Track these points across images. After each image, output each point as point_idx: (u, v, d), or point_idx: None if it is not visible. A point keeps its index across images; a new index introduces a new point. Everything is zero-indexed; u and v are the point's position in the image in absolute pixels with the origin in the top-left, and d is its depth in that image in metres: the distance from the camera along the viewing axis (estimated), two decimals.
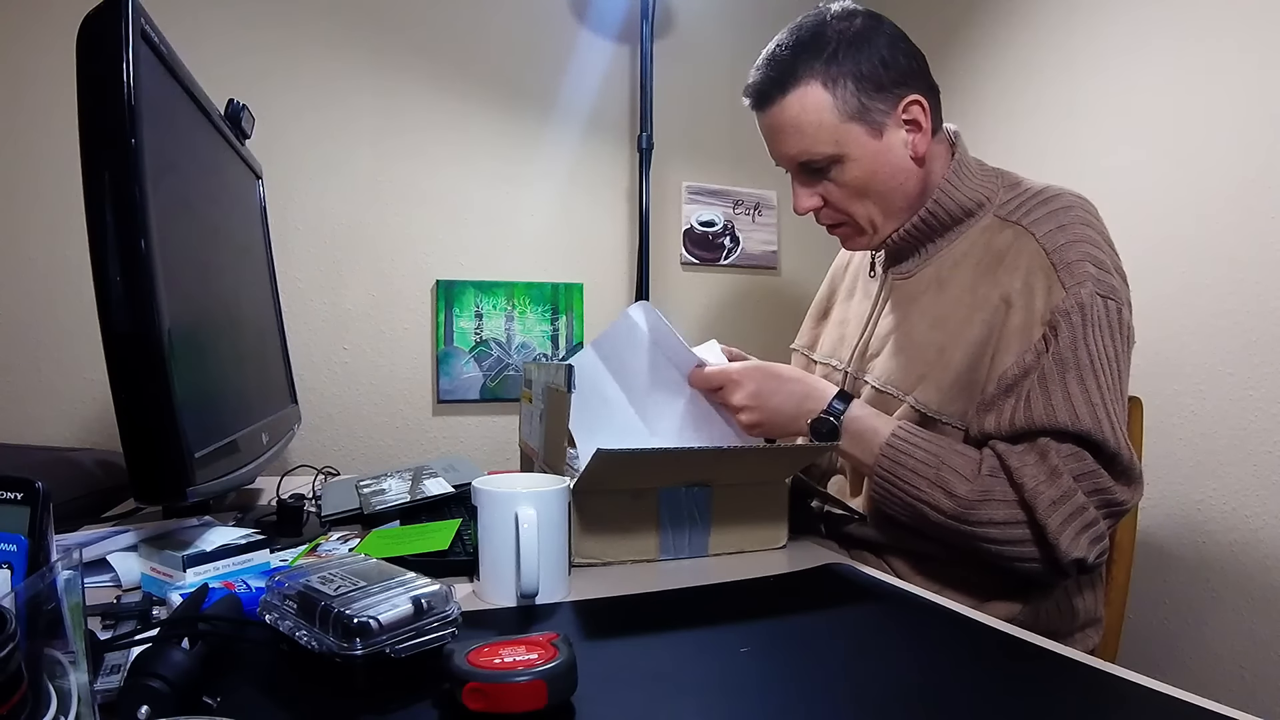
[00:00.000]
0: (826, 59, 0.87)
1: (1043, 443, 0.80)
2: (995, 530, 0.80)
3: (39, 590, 0.36)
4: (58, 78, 1.39)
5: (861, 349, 1.01)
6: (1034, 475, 0.79)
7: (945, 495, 0.82)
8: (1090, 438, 0.79)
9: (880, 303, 1.01)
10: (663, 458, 0.80)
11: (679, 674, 0.55)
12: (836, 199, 0.94)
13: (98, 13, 0.63)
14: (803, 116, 0.89)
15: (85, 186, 0.61)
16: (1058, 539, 0.78)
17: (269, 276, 1.27)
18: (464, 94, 1.69)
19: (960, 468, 0.82)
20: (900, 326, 0.96)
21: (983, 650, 0.61)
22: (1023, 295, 0.84)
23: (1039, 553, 0.80)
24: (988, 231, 0.91)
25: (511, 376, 1.71)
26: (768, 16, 1.90)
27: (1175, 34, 1.26)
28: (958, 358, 0.87)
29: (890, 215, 0.94)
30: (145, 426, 0.62)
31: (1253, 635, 1.15)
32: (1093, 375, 0.80)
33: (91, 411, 1.44)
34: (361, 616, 0.49)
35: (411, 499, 0.94)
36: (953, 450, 0.84)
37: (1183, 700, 0.51)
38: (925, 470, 0.83)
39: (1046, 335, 0.82)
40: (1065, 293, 0.82)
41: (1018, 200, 0.91)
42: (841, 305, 1.12)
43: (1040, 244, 0.85)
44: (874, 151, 0.90)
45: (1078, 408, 0.79)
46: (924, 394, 0.89)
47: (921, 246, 0.96)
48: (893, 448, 0.85)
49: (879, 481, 0.86)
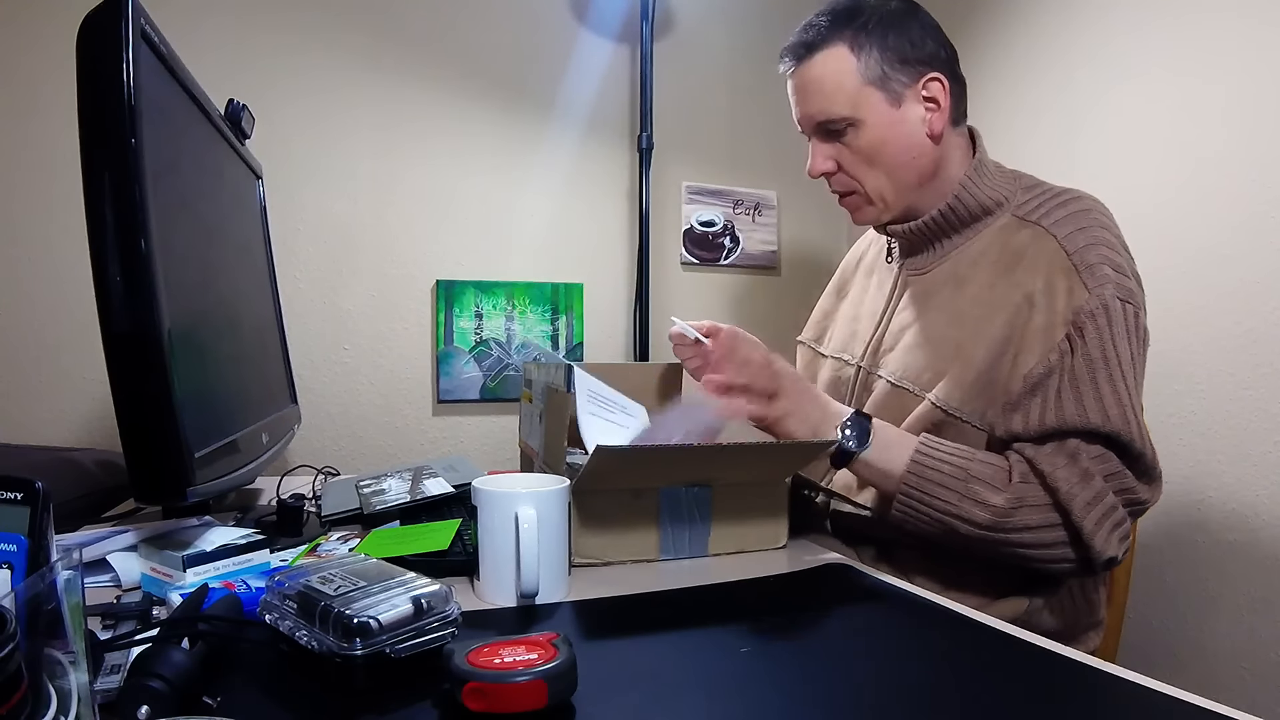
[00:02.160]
0: (857, 28, 0.90)
1: (1072, 444, 0.81)
2: (1031, 535, 0.80)
3: (39, 590, 0.36)
4: (58, 78, 1.39)
5: (875, 344, 1.00)
6: (1067, 478, 0.79)
7: (977, 506, 0.81)
8: (1119, 438, 0.80)
9: (895, 298, 1.00)
10: (663, 456, 0.80)
11: (679, 674, 0.55)
12: (849, 164, 0.94)
13: (98, 13, 0.63)
14: (825, 77, 0.91)
15: (85, 186, 0.61)
16: (1093, 540, 0.78)
17: (269, 276, 1.26)
18: (464, 94, 1.69)
19: (989, 477, 0.82)
20: (917, 322, 0.95)
21: (982, 650, 0.61)
22: (1044, 295, 0.85)
23: (1074, 554, 0.80)
24: (1005, 230, 0.92)
25: (511, 376, 1.71)
26: (767, 17, 1.89)
27: (1175, 33, 1.26)
28: (979, 356, 0.86)
29: (900, 190, 0.94)
30: (145, 426, 0.62)
31: (1253, 635, 1.15)
32: (1120, 376, 0.81)
33: (91, 411, 1.44)
34: (361, 616, 0.49)
35: (411, 499, 0.94)
36: (977, 460, 0.83)
37: (1183, 700, 0.51)
38: (954, 484, 0.82)
39: (1070, 335, 0.82)
40: (1089, 294, 0.82)
41: (1036, 201, 0.92)
42: (853, 300, 1.11)
43: (1061, 245, 0.86)
44: (890, 120, 0.91)
45: (1109, 408, 0.80)
46: (945, 391, 0.88)
47: (937, 242, 0.96)
48: (918, 464, 0.83)
49: (904, 499, 0.84)
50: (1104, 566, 0.81)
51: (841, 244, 2.00)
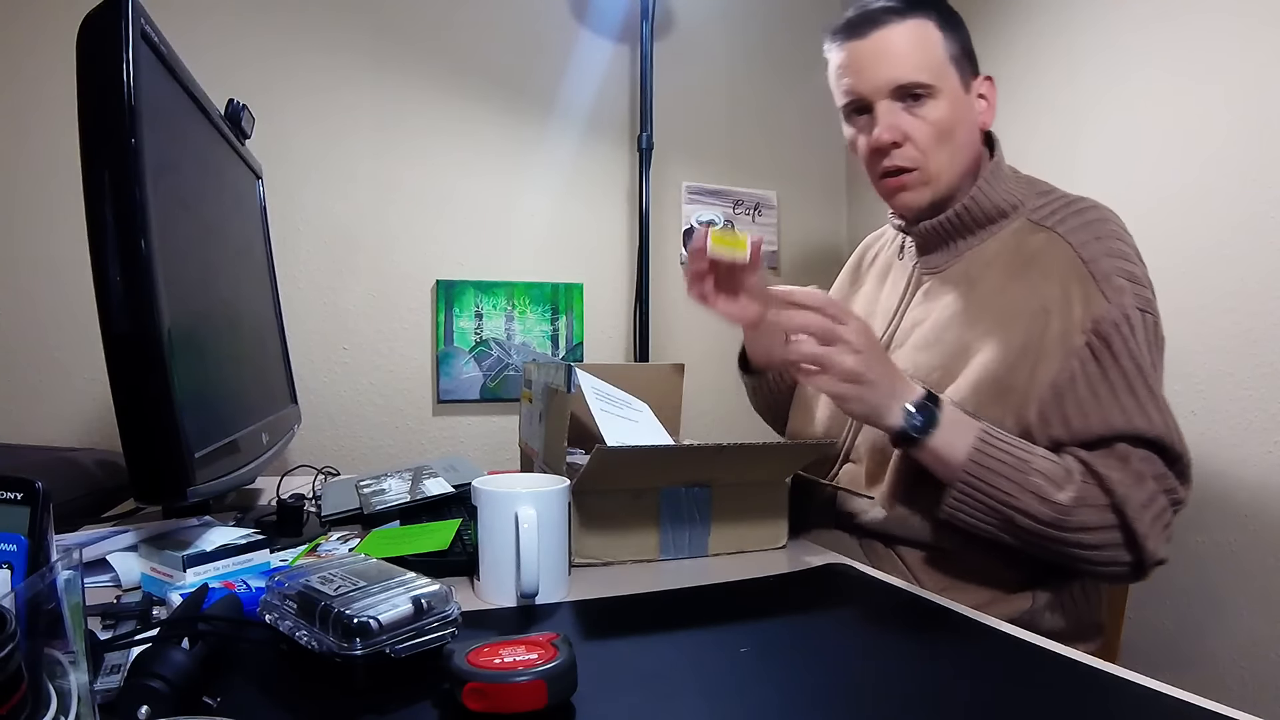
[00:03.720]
0: (942, 9, 0.93)
1: (1121, 448, 0.81)
2: (1089, 536, 0.80)
3: (39, 590, 0.36)
4: (58, 78, 1.39)
5: (887, 340, 1.00)
6: (1121, 480, 0.79)
7: (1038, 500, 0.80)
8: (1162, 442, 0.81)
9: (909, 295, 1.01)
10: (663, 456, 0.80)
11: (679, 674, 0.55)
12: (921, 137, 0.92)
13: (98, 13, 0.63)
14: (915, 43, 0.91)
15: (85, 186, 0.61)
16: (1146, 542, 0.79)
17: (269, 276, 1.27)
18: (464, 94, 1.69)
19: (1050, 472, 0.81)
20: (928, 320, 0.96)
21: (982, 650, 0.61)
22: (1060, 303, 0.84)
23: (1128, 556, 0.80)
24: (1019, 234, 0.92)
25: (511, 376, 1.71)
26: (768, 17, 1.89)
27: (1175, 33, 1.26)
28: (994, 362, 0.86)
29: (955, 175, 0.94)
30: (145, 426, 0.62)
31: (1253, 635, 1.15)
32: (1154, 381, 0.83)
33: (91, 411, 1.44)
34: (361, 616, 0.49)
35: (411, 499, 0.94)
36: (1038, 454, 0.82)
37: (1183, 700, 0.51)
38: (1015, 475, 0.80)
39: (1092, 344, 0.82)
40: (1109, 304, 0.82)
41: (1050, 207, 0.92)
42: (867, 296, 1.10)
43: (1076, 252, 0.86)
44: (962, 101, 0.93)
45: (1150, 414, 0.81)
46: (955, 393, 0.87)
47: (952, 242, 0.97)
48: (981, 451, 0.81)
49: (963, 486, 0.82)
50: (1152, 569, 0.81)
51: (842, 244, 1.99)
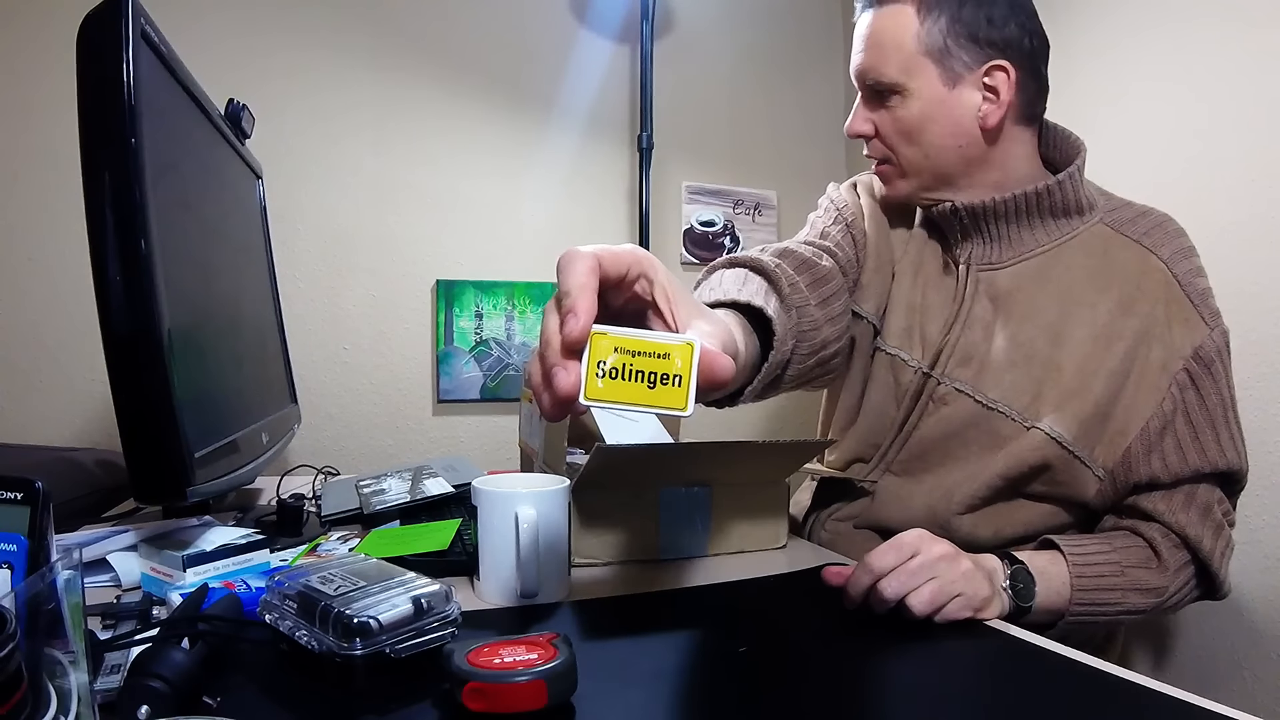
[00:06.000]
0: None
1: (1204, 490, 0.82)
2: (1182, 593, 0.82)
3: (39, 590, 0.36)
4: (58, 78, 1.39)
5: (948, 350, 0.89)
6: (1195, 523, 0.81)
7: (1141, 594, 0.79)
8: (1236, 473, 0.82)
9: (966, 296, 0.89)
10: (662, 456, 0.80)
11: (679, 674, 0.55)
12: (887, 132, 0.88)
13: (98, 13, 0.63)
14: (884, 34, 0.85)
15: (85, 186, 0.61)
16: (1219, 573, 0.81)
17: (269, 276, 1.27)
18: (464, 94, 1.69)
19: (1141, 561, 0.80)
20: (1003, 331, 0.86)
21: (982, 650, 0.61)
22: (1162, 327, 0.82)
23: (1202, 587, 0.83)
24: (1102, 239, 0.87)
25: (511, 376, 1.71)
26: (768, 17, 1.89)
27: (1175, 34, 1.26)
28: (1097, 388, 0.81)
29: (939, 176, 0.88)
30: (145, 426, 0.62)
31: (1253, 635, 1.15)
32: (1237, 409, 0.84)
33: (91, 411, 1.44)
34: (361, 616, 0.49)
35: (411, 499, 0.94)
36: (1118, 547, 0.80)
37: (1183, 700, 0.51)
38: (1114, 583, 0.78)
39: (1192, 371, 0.80)
40: (1209, 330, 0.81)
41: (1127, 213, 0.89)
42: (908, 284, 0.94)
43: (1170, 270, 0.84)
44: (939, 99, 0.84)
45: (1236, 447, 0.82)
46: (1060, 423, 0.81)
47: (1008, 226, 0.87)
48: (1080, 581, 0.76)
49: (1074, 619, 0.77)
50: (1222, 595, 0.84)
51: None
